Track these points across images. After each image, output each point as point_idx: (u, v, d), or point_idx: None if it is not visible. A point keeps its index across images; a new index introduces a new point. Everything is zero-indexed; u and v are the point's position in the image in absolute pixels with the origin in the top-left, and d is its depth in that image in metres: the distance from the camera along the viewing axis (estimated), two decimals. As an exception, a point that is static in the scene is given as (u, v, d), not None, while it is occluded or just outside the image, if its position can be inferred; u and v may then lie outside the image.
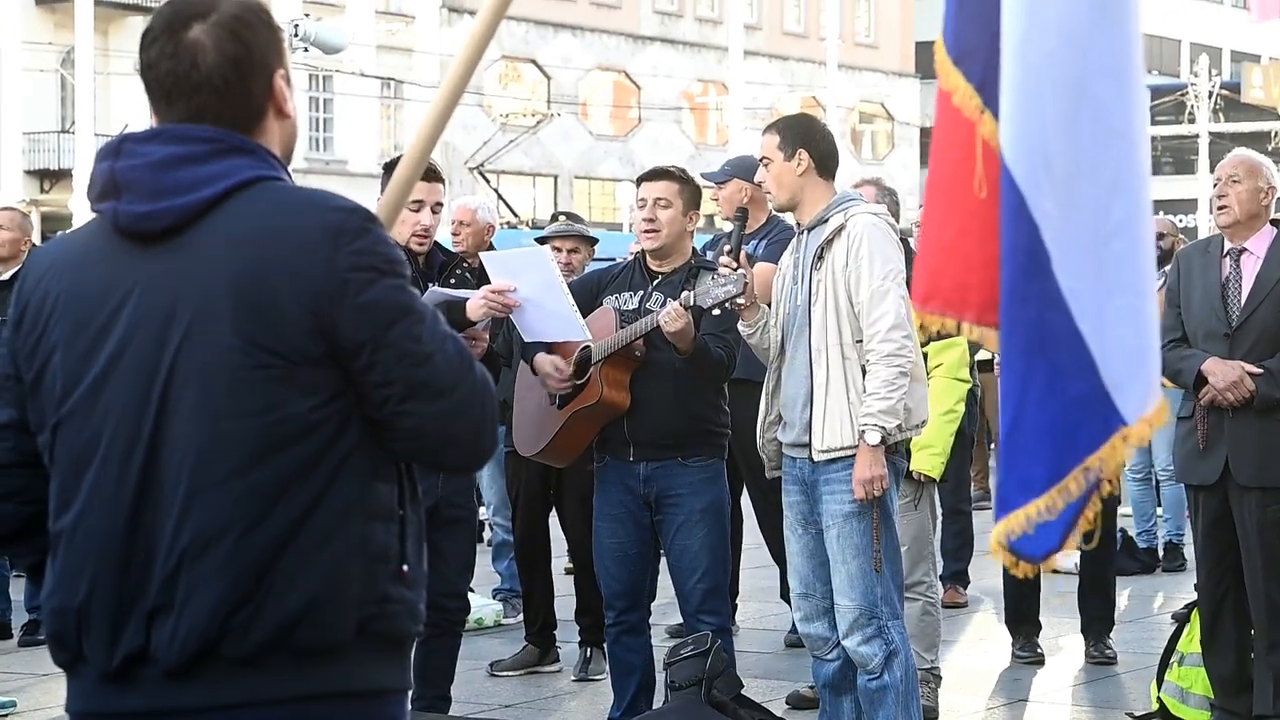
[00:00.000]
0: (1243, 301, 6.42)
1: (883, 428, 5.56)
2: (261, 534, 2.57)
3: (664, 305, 6.27)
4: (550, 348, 6.47)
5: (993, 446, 12.54)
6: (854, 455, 5.60)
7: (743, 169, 8.07)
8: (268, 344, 2.57)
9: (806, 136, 5.89)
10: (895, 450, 5.70)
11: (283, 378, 2.58)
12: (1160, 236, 10.79)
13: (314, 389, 2.59)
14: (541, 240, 8.53)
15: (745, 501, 8.41)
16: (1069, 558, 10.09)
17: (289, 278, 2.58)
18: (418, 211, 6.16)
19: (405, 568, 2.69)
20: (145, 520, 2.61)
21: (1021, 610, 8.31)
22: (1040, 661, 8.15)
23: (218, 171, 2.63)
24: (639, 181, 6.57)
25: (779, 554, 6.65)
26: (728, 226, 8.28)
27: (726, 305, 5.87)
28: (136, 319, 2.64)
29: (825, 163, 5.87)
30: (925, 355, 6.78)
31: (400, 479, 2.72)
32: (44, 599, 2.73)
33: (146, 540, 2.61)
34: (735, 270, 5.85)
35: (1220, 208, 6.48)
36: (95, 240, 2.72)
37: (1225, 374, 6.32)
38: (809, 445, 5.69)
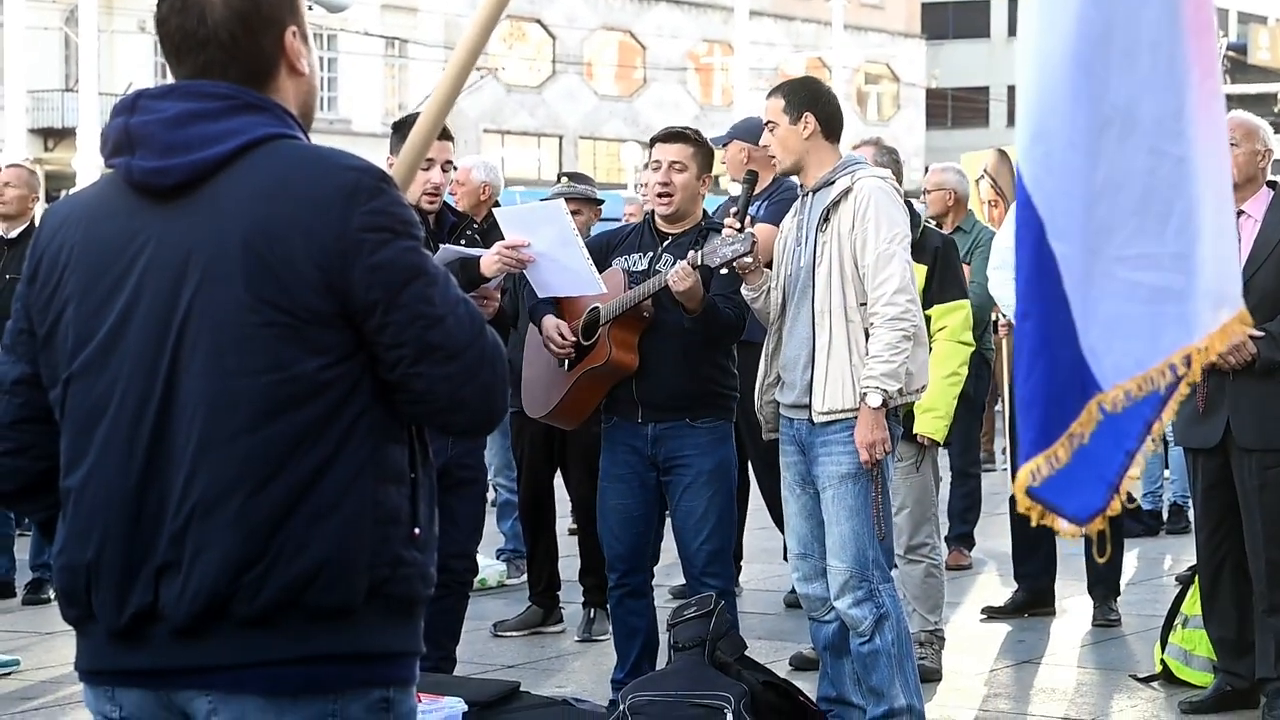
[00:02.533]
0: (1242, 265, 6.42)
1: (884, 390, 5.55)
2: (271, 493, 2.56)
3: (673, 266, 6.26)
4: (558, 308, 6.45)
5: (997, 409, 12.53)
6: (853, 418, 5.61)
7: (744, 130, 8.05)
8: (277, 301, 2.57)
9: (813, 100, 5.87)
10: (893, 415, 5.70)
11: (292, 336, 2.57)
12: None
13: (324, 348, 2.59)
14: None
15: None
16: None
17: (301, 236, 2.57)
18: (427, 170, 6.14)
19: (417, 530, 2.68)
20: (155, 477, 2.61)
21: (1027, 566, 8.36)
22: (1040, 607, 8.28)
23: (232, 128, 2.62)
24: (653, 142, 6.52)
25: (780, 517, 6.67)
26: (734, 189, 8.28)
27: (734, 264, 5.85)
28: (149, 274, 2.64)
29: (831, 126, 5.86)
30: (928, 318, 6.76)
31: (412, 441, 2.71)
32: (54, 556, 2.73)
33: (157, 497, 2.60)
34: (741, 231, 5.84)
35: None
36: (109, 195, 2.72)
37: None
38: (809, 407, 5.69)
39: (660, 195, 6.39)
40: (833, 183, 5.76)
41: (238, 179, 2.61)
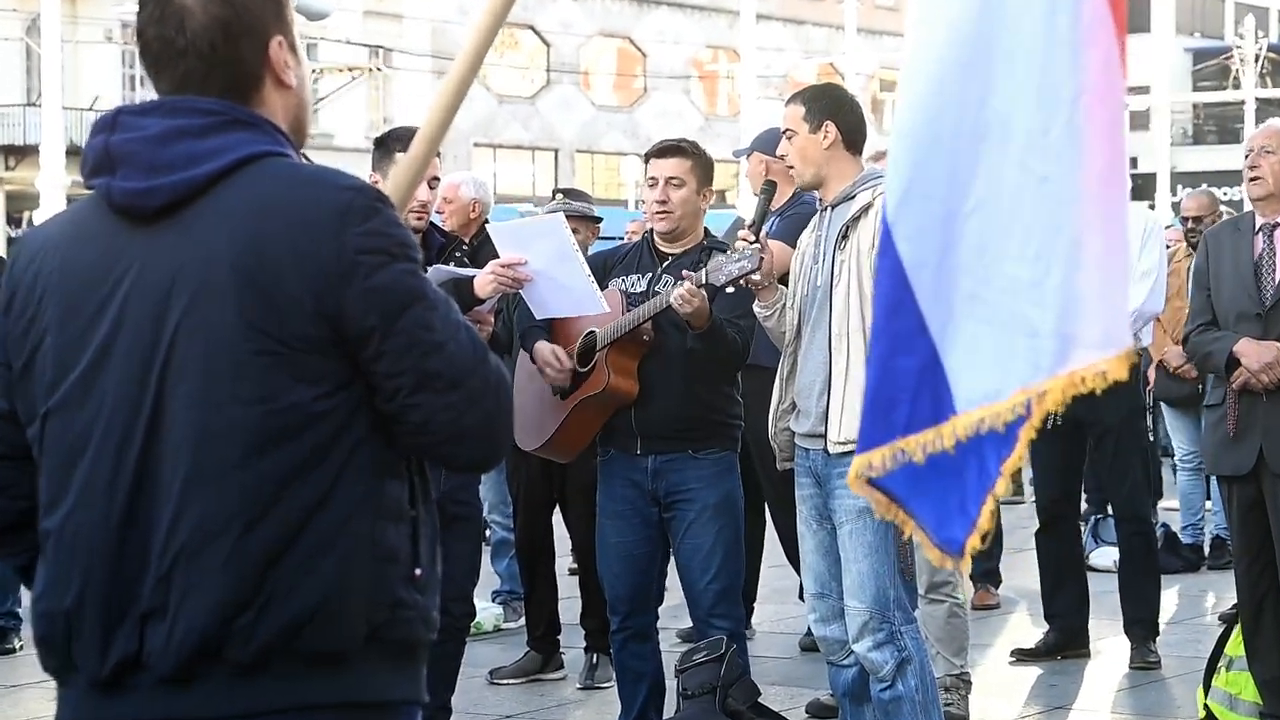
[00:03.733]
0: (1277, 279, 6.46)
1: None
2: (263, 531, 2.58)
3: (674, 287, 6.26)
4: (551, 333, 6.47)
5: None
6: (876, 448, 5.62)
7: (764, 142, 8.11)
8: (269, 328, 2.59)
9: (834, 108, 5.89)
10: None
11: (284, 364, 2.59)
12: (1198, 219, 10.75)
13: (318, 378, 2.61)
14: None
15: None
16: (1107, 555, 10.13)
17: (293, 259, 2.59)
18: (414, 185, 6.15)
19: (418, 571, 2.70)
20: (140, 517, 2.62)
21: (1056, 605, 8.38)
22: (1075, 648, 8.30)
23: (218, 146, 2.65)
24: (648, 157, 6.55)
25: (796, 554, 6.68)
26: (743, 206, 8.31)
27: (741, 283, 5.85)
28: (131, 301, 2.65)
29: (853, 137, 5.89)
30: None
31: (412, 476, 2.73)
32: (32, 602, 2.74)
33: (141, 538, 2.61)
34: (752, 245, 5.84)
35: (1253, 179, 6.55)
36: (88, 218, 2.73)
37: (1259, 354, 6.34)
38: (824, 436, 5.69)
39: (658, 214, 6.42)
40: (853, 197, 5.78)
41: (226, 199, 2.63)
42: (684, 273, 6.05)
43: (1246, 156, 6.61)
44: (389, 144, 6.23)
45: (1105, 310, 3.11)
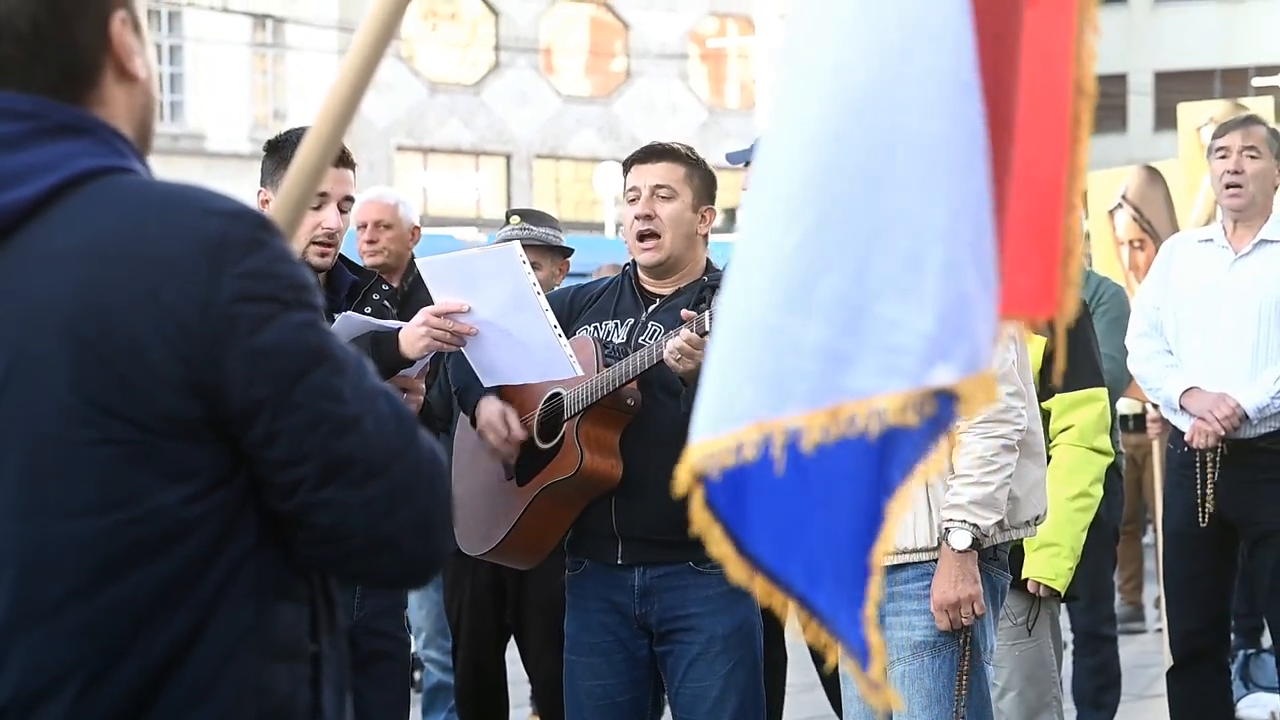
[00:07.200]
0: None
1: (976, 525, 5.57)
2: (116, 683, 2.57)
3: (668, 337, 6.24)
4: (501, 392, 6.44)
5: (1146, 541, 12.50)
6: (931, 561, 5.62)
7: None
8: (119, 408, 2.59)
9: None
10: (992, 558, 5.71)
11: (142, 456, 2.59)
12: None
13: (188, 472, 2.61)
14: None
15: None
16: (1263, 705, 10.14)
17: (151, 312, 2.59)
18: (319, 209, 6.16)
19: None
20: None
21: None
22: None
23: (39, 161, 2.65)
24: (628, 165, 6.56)
25: (838, 699, 6.64)
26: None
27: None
28: None
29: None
30: (1045, 414, 6.76)
31: (314, 599, 2.73)
32: None
33: None
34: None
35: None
36: None
37: None
38: (871, 540, 5.70)
39: (642, 237, 6.41)
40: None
41: (52, 235, 2.63)
42: (684, 312, 5.99)
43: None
44: (285, 150, 6.23)
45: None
